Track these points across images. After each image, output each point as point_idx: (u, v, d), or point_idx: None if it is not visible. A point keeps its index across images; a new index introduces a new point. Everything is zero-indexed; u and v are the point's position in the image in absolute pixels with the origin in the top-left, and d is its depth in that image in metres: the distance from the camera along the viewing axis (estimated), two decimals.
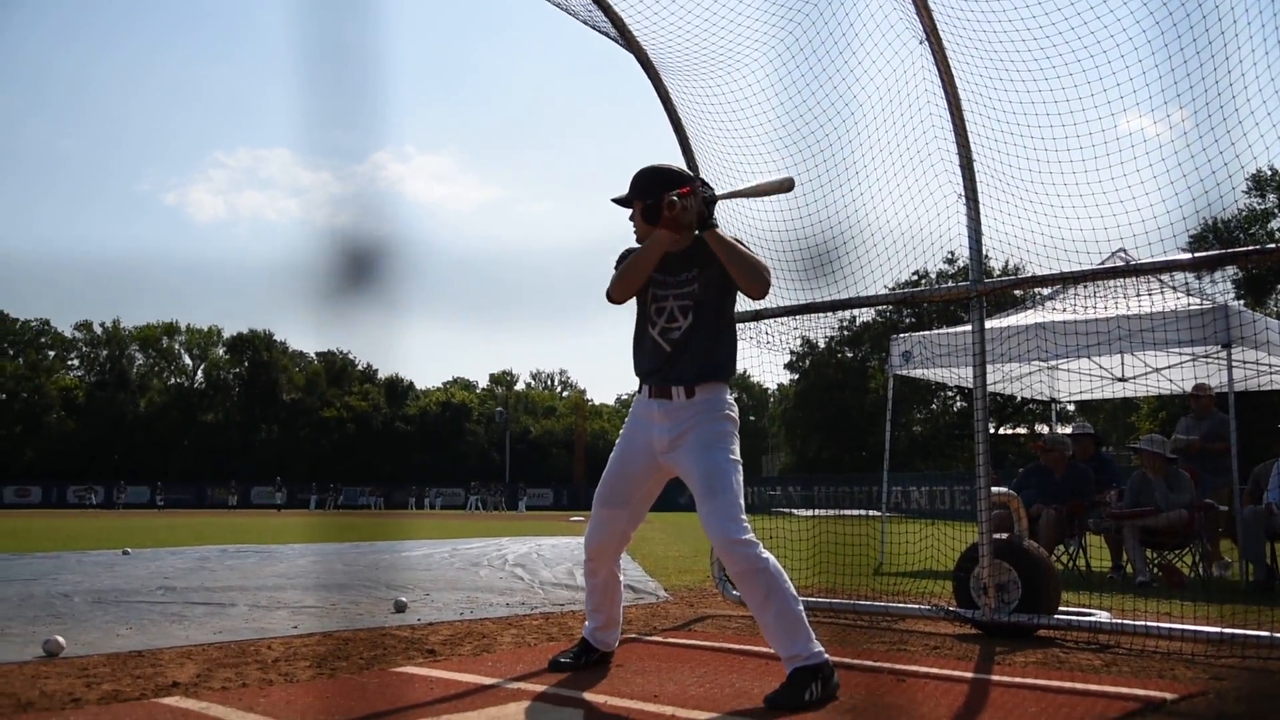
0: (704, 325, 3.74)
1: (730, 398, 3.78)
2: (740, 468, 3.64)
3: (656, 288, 3.78)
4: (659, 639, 4.85)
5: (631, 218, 3.88)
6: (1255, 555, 7.59)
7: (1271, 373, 10.97)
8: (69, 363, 76.34)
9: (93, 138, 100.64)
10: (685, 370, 3.72)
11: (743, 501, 3.56)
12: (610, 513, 3.88)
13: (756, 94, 5.36)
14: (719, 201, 3.69)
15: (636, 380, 3.89)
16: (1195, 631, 4.46)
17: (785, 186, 3.76)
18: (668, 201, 3.52)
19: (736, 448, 3.69)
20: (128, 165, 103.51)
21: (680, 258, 3.75)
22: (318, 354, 79.54)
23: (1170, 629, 4.52)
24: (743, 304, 6.01)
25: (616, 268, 3.83)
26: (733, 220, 5.77)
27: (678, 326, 3.74)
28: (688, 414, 3.68)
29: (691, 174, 3.93)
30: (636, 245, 3.88)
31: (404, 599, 5.99)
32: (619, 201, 3.89)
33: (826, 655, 3.44)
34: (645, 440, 3.78)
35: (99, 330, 76.14)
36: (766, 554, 3.46)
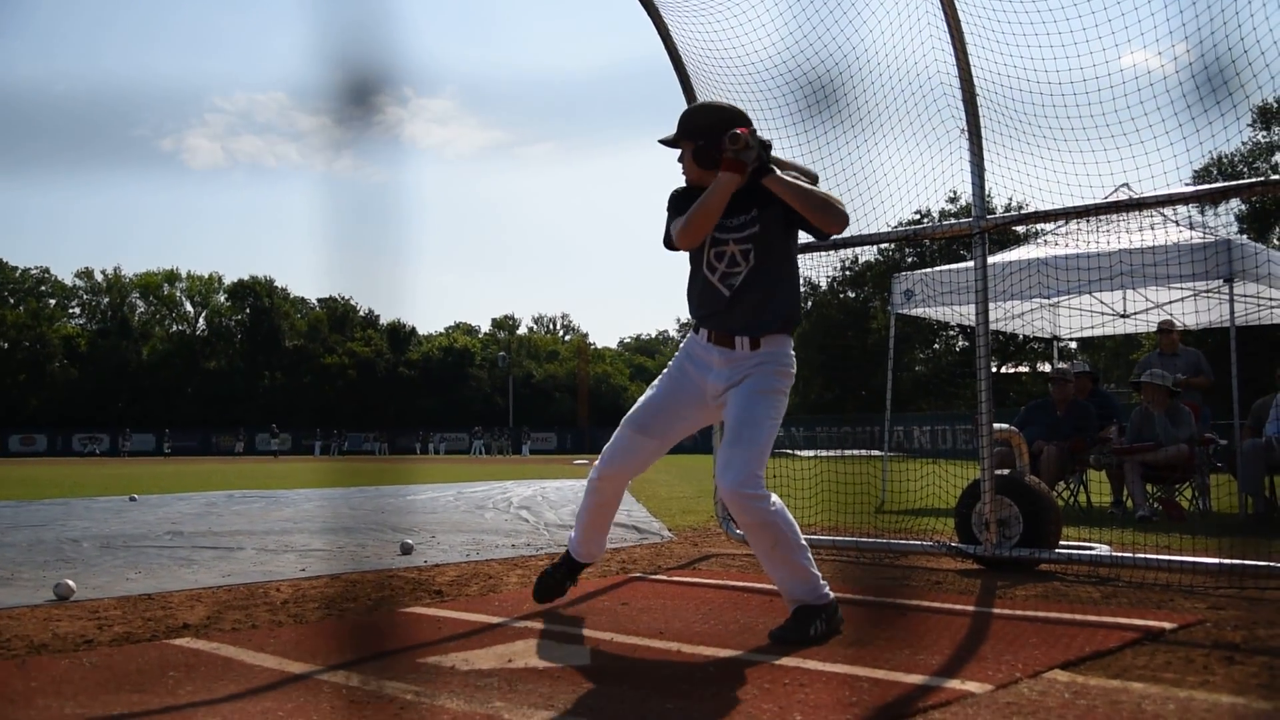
0: (767, 269, 3.58)
1: (792, 352, 3.64)
2: (776, 426, 3.53)
3: (716, 230, 3.59)
4: (664, 578, 4.90)
5: (680, 159, 3.70)
6: (1254, 489, 7.64)
7: (1273, 306, 10.94)
8: (70, 311, 76.40)
9: (87, 83, 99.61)
10: (749, 319, 3.57)
11: (766, 458, 3.48)
12: (643, 440, 3.73)
13: (756, 30, 5.28)
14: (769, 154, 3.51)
15: (693, 321, 3.75)
16: (1194, 563, 4.50)
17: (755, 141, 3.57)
18: (730, 136, 3.39)
19: (782, 407, 3.57)
20: (124, 111, 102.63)
21: (738, 198, 3.54)
22: (319, 300, 79.56)
23: (1169, 561, 4.56)
24: None
25: (672, 211, 3.67)
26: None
27: (739, 271, 3.57)
28: (748, 365, 3.56)
29: (742, 111, 3.72)
30: (685, 187, 3.72)
31: (410, 541, 6.05)
32: (667, 142, 3.70)
33: (832, 597, 3.46)
34: (699, 382, 3.66)
35: (100, 278, 76.17)
36: (776, 506, 3.42)
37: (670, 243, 3.66)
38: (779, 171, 3.49)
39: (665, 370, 3.83)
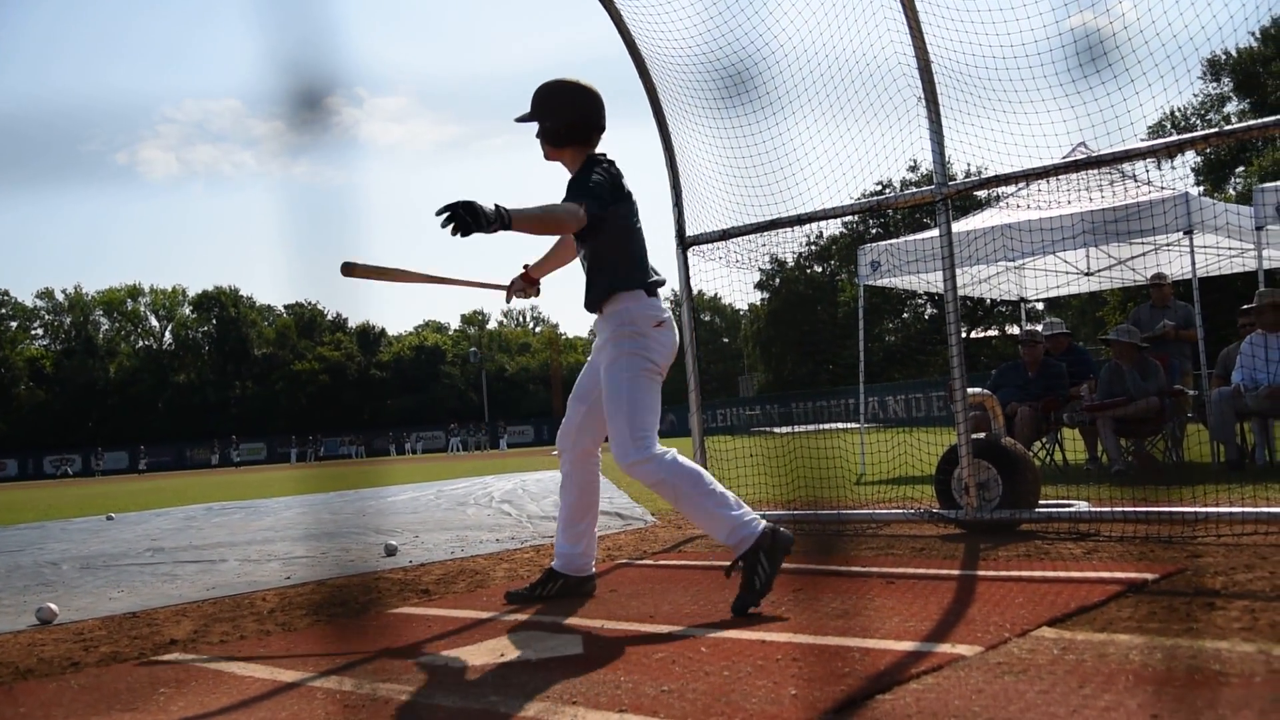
0: (592, 248, 3.86)
1: (636, 309, 3.76)
2: (640, 380, 3.69)
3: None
4: (650, 562, 4.91)
5: (538, 135, 3.94)
6: (1226, 436, 7.74)
7: (1232, 256, 11.09)
8: (33, 332, 75.40)
9: (35, 99, 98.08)
10: (590, 292, 3.90)
11: (643, 416, 3.65)
12: (573, 405, 4.07)
13: (709, 6, 5.27)
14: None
15: None
16: (1171, 513, 4.56)
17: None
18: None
19: (636, 360, 3.71)
20: (74, 126, 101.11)
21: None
22: (286, 306, 78.94)
23: (1147, 512, 4.63)
24: (709, 225, 6.02)
25: (605, 178, 3.81)
26: (695, 156, 5.73)
27: (582, 253, 3.94)
28: (602, 332, 3.86)
29: (584, 85, 3.91)
30: (610, 160, 3.91)
31: (394, 543, 6.03)
32: (522, 119, 3.93)
33: (759, 526, 3.51)
34: (595, 348, 3.98)
35: (61, 297, 75.19)
36: (664, 460, 3.58)
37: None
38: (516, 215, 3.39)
39: None
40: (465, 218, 3.19)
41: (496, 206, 3.28)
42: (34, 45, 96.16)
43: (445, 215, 3.20)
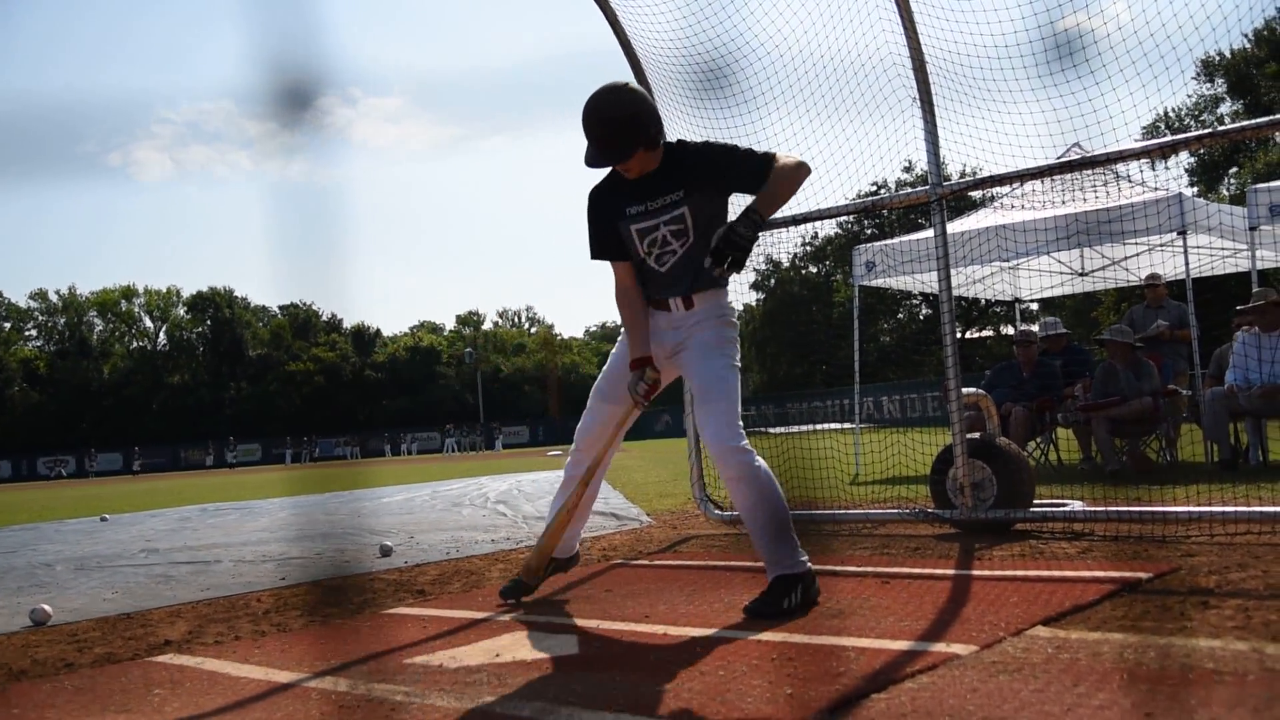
0: (699, 244, 3.62)
1: (728, 302, 3.77)
2: (738, 374, 3.66)
3: (639, 221, 3.64)
4: (645, 562, 4.91)
5: (644, 144, 3.58)
6: (1219, 436, 7.76)
7: (1225, 256, 11.12)
8: (26, 333, 75.22)
9: (28, 100, 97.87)
10: (679, 284, 3.69)
11: (739, 408, 3.58)
12: (605, 406, 3.92)
13: (704, 7, 5.27)
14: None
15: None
16: (1165, 513, 4.57)
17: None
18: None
19: (736, 354, 3.70)
20: (68, 127, 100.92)
21: (660, 181, 3.60)
22: (280, 307, 78.83)
23: (1141, 512, 4.64)
24: None
25: (590, 225, 3.76)
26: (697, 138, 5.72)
27: (671, 249, 3.65)
28: (688, 323, 3.70)
29: (641, 91, 3.69)
30: (600, 188, 3.77)
31: (389, 543, 6.03)
32: (592, 165, 3.63)
33: (810, 566, 3.50)
34: (662, 342, 3.80)
35: (55, 298, 75.00)
36: (760, 461, 3.51)
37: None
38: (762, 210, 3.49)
39: (621, 338, 3.98)
40: (739, 257, 3.38)
41: (749, 217, 3.41)
42: (28, 46, 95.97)
43: (724, 262, 3.38)
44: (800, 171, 3.56)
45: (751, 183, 3.57)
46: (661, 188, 3.61)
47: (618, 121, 3.52)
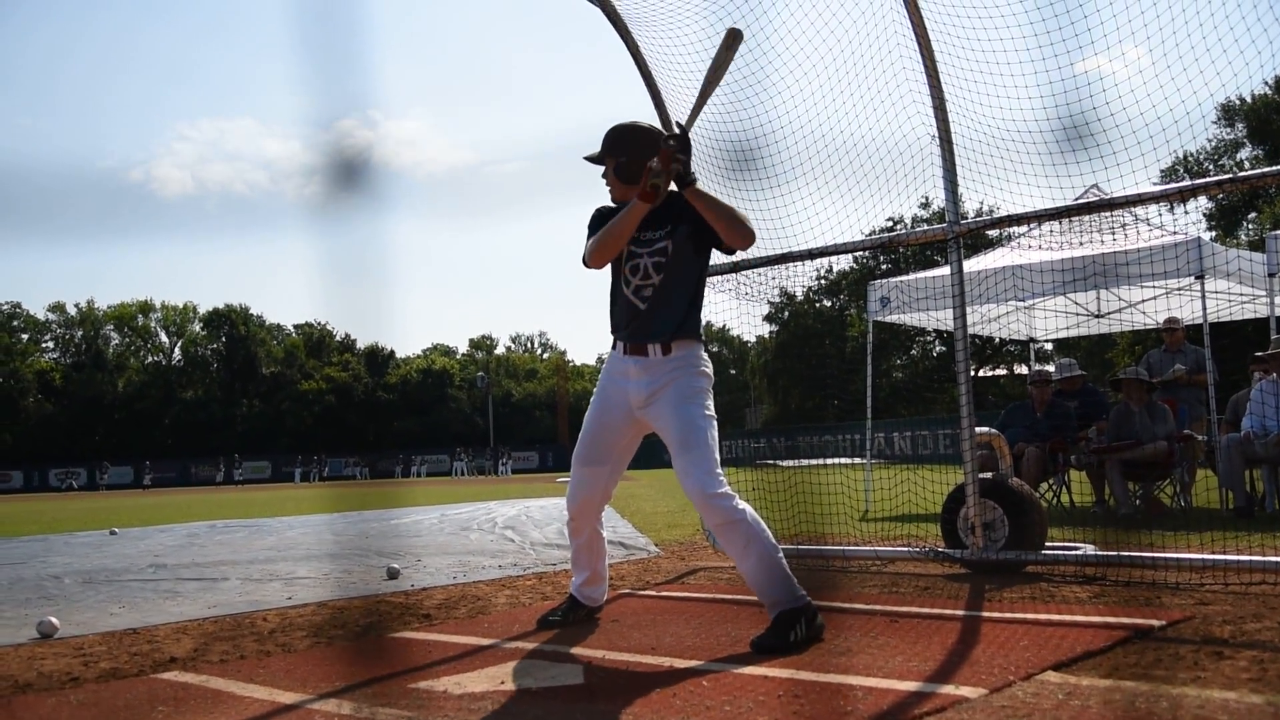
0: (677, 282, 3.74)
1: (704, 354, 3.80)
2: (715, 423, 3.67)
3: (632, 244, 3.75)
4: (652, 593, 4.89)
5: (604, 175, 3.87)
6: (1235, 483, 7.70)
7: (1244, 302, 11.07)
8: (43, 345, 75.65)
9: (53, 114, 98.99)
10: (660, 327, 3.72)
11: (718, 455, 3.60)
12: (591, 470, 3.93)
13: (720, 39, 5.30)
14: (694, 122, 3.57)
15: (611, 336, 3.91)
16: (1179, 559, 4.53)
17: (735, 40, 3.62)
18: (651, 176, 3.42)
19: (711, 403, 3.72)
20: (91, 142, 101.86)
21: (655, 214, 3.69)
22: (295, 326, 79.18)
23: (1155, 558, 4.60)
24: (718, 256, 6.02)
25: (590, 230, 3.82)
26: (714, 175, 5.75)
27: (651, 283, 3.73)
28: (664, 370, 3.71)
29: (661, 130, 3.88)
30: (609, 205, 3.87)
31: (396, 566, 6.01)
32: (592, 159, 3.87)
33: (809, 599, 3.50)
34: (622, 396, 3.81)
35: (73, 311, 75.46)
36: (743, 505, 3.51)
37: (588, 263, 3.78)
38: (699, 185, 3.57)
39: (592, 397, 3.97)
40: (683, 160, 3.39)
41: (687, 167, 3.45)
42: (52, 62, 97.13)
43: (672, 142, 3.39)
44: (742, 221, 3.62)
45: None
46: (653, 221, 3.72)
47: (614, 133, 3.84)
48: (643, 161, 3.57)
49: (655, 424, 3.75)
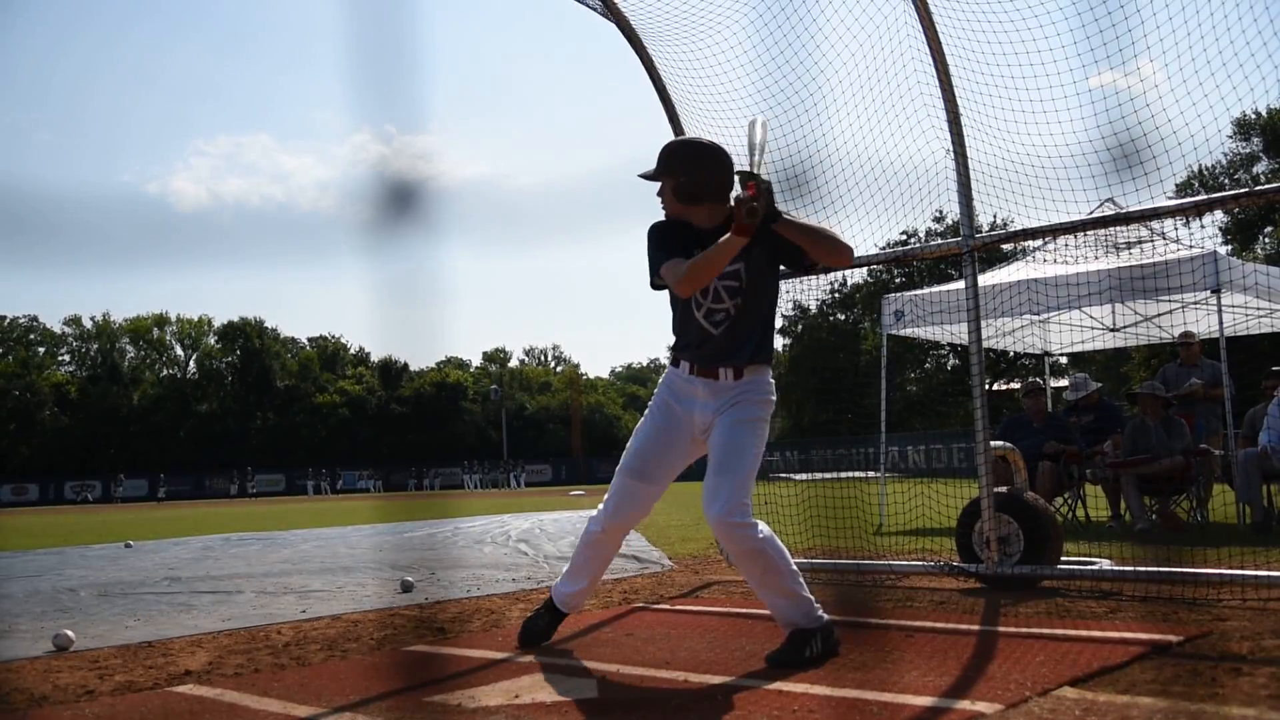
0: (751, 306, 3.63)
1: (771, 381, 3.70)
2: (760, 454, 3.59)
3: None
4: (667, 607, 4.88)
5: (660, 193, 3.72)
6: (1252, 497, 7.65)
7: (1260, 316, 11.01)
8: (59, 358, 76.10)
9: (71, 130, 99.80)
10: (733, 352, 3.63)
11: (752, 485, 3.53)
12: (643, 487, 3.79)
13: (739, 56, 5.33)
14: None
15: (673, 354, 3.80)
16: (1196, 574, 4.50)
17: (763, 129, 3.57)
18: (743, 201, 3.34)
19: (764, 435, 3.64)
20: (108, 157, 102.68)
21: (722, 236, 3.56)
22: (309, 339, 79.49)
23: (1171, 573, 4.57)
24: None
25: (658, 247, 3.64)
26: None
27: (724, 309, 3.62)
28: (732, 394, 3.62)
29: (723, 148, 3.73)
30: (666, 221, 3.73)
31: (410, 579, 6.02)
32: (648, 177, 3.72)
33: (827, 618, 3.49)
34: (688, 418, 3.71)
35: (89, 324, 75.90)
36: (764, 533, 3.45)
37: (657, 284, 3.66)
38: (785, 215, 3.51)
39: (649, 411, 3.86)
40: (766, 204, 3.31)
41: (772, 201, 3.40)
42: (70, 77, 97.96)
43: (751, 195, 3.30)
44: (837, 239, 3.57)
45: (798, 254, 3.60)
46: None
47: (672, 150, 3.73)
48: (702, 181, 3.57)
49: (709, 440, 3.66)
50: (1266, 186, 4.69)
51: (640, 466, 3.77)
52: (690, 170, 3.64)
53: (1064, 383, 10.52)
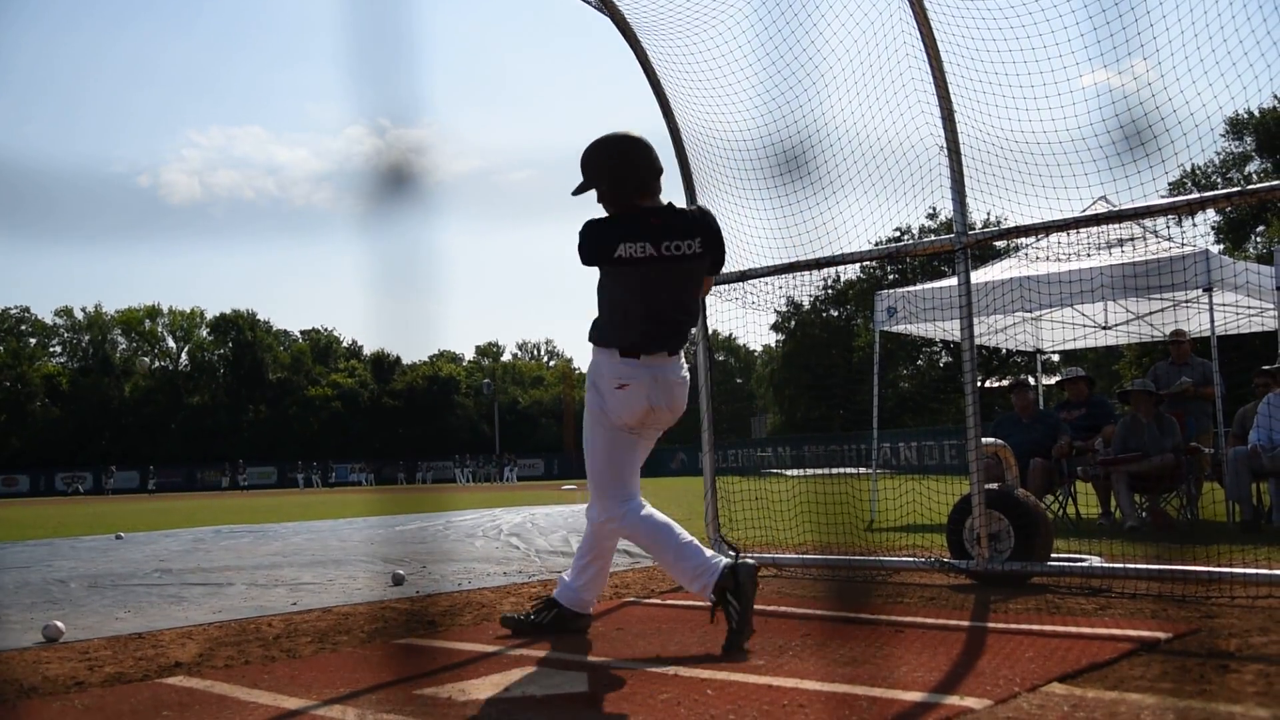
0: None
1: (604, 365, 3.80)
2: (598, 438, 3.78)
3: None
4: (657, 601, 4.89)
5: (599, 199, 3.86)
6: (1241, 495, 7.68)
7: (1251, 315, 11.05)
8: (51, 350, 75.86)
9: (61, 121, 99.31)
10: None
11: (600, 477, 3.76)
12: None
13: (734, 51, 5.33)
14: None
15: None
16: (1185, 572, 4.52)
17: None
18: None
19: (595, 417, 3.80)
20: (99, 148, 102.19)
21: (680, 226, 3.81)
22: (302, 332, 79.37)
23: (1161, 570, 4.58)
24: (728, 266, 6.02)
25: (588, 242, 3.77)
26: (723, 183, 5.76)
27: None
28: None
29: (636, 137, 3.85)
30: (598, 219, 3.84)
31: (401, 572, 6.02)
32: (576, 192, 3.88)
33: (722, 560, 3.59)
34: None
35: (80, 315, 75.68)
36: (635, 514, 3.71)
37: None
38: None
39: None
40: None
41: None
42: (62, 69, 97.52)
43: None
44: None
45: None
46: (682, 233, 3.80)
47: (589, 156, 3.87)
48: (620, 179, 3.79)
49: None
50: (1259, 186, 4.69)
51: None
52: (602, 176, 3.82)
53: (1057, 380, 10.53)
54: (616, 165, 3.80)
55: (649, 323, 3.76)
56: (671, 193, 6.11)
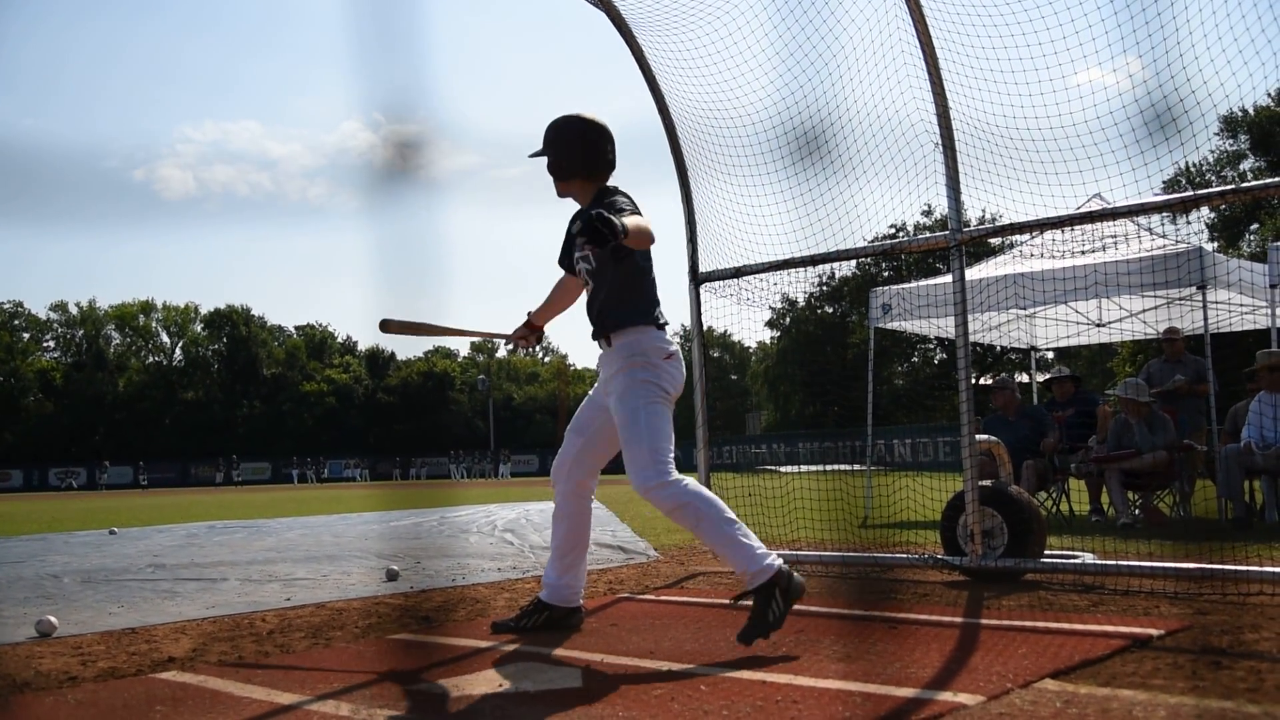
0: (600, 283, 3.91)
1: (649, 340, 3.82)
2: (655, 408, 3.74)
3: (577, 248, 3.99)
4: (652, 597, 4.89)
5: (549, 169, 4.01)
6: (1234, 493, 7.70)
7: (1245, 312, 11.07)
8: (44, 344, 75.66)
9: (56, 115, 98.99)
10: (600, 323, 3.93)
11: (661, 443, 3.69)
12: (571, 438, 4.08)
13: (729, 48, 5.32)
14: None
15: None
16: (1178, 569, 4.53)
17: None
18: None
19: (649, 388, 3.77)
20: (94, 142, 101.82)
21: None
22: (296, 327, 79.25)
23: (1153, 567, 4.60)
24: (722, 262, 6.03)
25: (633, 205, 3.83)
26: (718, 180, 5.76)
27: (589, 287, 3.98)
28: (615, 364, 3.87)
29: (590, 120, 4.00)
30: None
31: (395, 568, 6.01)
32: (535, 154, 4.01)
33: (778, 562, 3.54)
34: (601, 378, 4.04)
35: (74, 310, 75.47)
36: (688, 487, 3.63)
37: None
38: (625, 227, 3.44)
39: None
40: (603, 230, 3.28)
41: (620, 219, 3.37)
42: (51, 62, 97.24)
43: (582, 227, 3.32)
44: (648, 232, 3.65)
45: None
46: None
47: (549, 129, 4.01)
48: (566, 156, 3.95)
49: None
50: (1252, 184, 4.70)
51: (576, 422, 4.11)
52: (556, 148, 3.96)
53: (1044, 378, 10.58)
54: (592, 139, 3.99)
55: (658, 300, 3.95)
56: (668, 190, 6.13)
